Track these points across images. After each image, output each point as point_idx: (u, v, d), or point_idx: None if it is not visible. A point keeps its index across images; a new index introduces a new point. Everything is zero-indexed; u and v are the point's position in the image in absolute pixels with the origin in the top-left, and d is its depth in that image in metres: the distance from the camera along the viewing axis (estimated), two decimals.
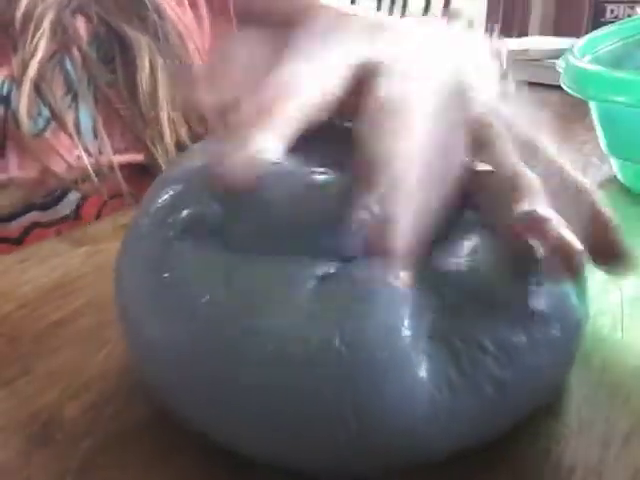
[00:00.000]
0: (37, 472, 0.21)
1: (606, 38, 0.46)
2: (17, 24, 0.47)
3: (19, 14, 0.47)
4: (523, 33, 1.98)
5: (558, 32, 1.79)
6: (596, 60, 0.44)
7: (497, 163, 0.22)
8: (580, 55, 0.44)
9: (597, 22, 1.48)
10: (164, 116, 0.49)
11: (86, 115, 0.49)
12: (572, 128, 0.62)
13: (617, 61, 0.44)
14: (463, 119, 0.23)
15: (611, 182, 0.47)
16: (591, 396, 0.24)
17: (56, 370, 0.26)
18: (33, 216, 0.49)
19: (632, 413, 0.23)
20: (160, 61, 0.49)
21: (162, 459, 0.21)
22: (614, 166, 0.46)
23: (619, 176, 0.45)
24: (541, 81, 0.82)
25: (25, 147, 0.49)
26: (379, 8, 1.38)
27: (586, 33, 0.49)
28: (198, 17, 0.57)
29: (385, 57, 0.24)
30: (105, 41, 0.50)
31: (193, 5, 0.57)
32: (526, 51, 0.87)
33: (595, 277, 0.31)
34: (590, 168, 0.50)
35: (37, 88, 0.46)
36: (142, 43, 0.49)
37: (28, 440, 0.22)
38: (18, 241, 0.50)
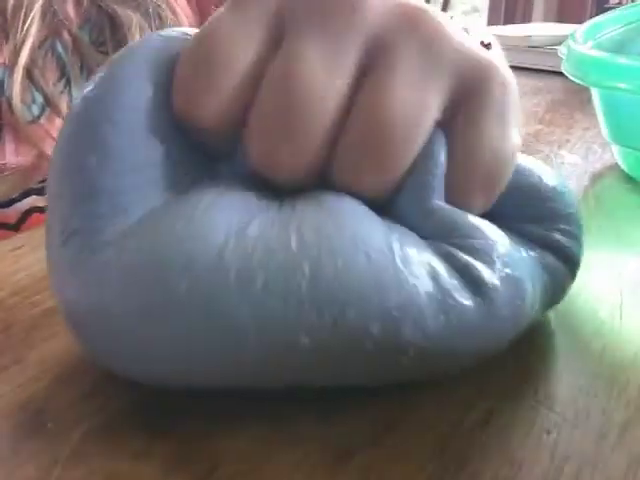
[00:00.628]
0: (27, 460, 0.21)
1: (608, 24, 0.46)
2: (8, 10, 0.46)
3: (10, 1, 0.46)
4: (527, 19, 1.97)
5: (562, 18, 1.78)
6: (598, 46, 0.43)
7: None
8: (582, 41, 0.44)
9: (601, 8, 1.46)
10: None
11: None
12: (574, 115, 0.61)
13: (619, 47, 0.44)
14: None
15: (612, 169, 0.46)
16: (588, 385, 0.24)
17: (48, 358, 0.25)
18: (31, 200, 0.49)
19: (629, 403, 0.23)
20: None
21: (151, 447, 0.21)
22: (615, 153, 0.45)
23: (620, 163, 0.45)
24: (543, 67, 0.81)
25: (21, 133, 0.48)
26: None
27: (590, 19, 0.48)
28: None
29: None
30: (97, 23, 0.49)
31: None
32: (529, 37, 0.87)
33: (594, 264, 0.31)
34: (591, 155, 0.50)
35: (30, 74, 0.46)
36: (133, 21, 0.48)
37: (18, 428, 0.22)
38: (16, 227, 0.49)
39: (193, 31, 0.23)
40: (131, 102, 0.21)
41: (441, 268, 0.20)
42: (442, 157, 0.21)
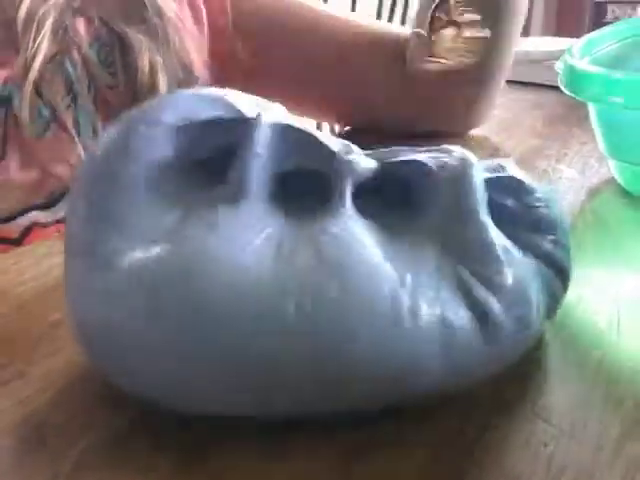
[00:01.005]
0: (28, 475, 0.21)
1: (604, 39, 0.46)
2: (19, 25, 0.47)
3: (22, 15, 0.47)
4: (524, 34, 1.98)
5: (560, 33, 1.79)
6: (594, 61, 0.44)
7: None
8: (578, 56, 0.44)
9: (599, 23, 1.48)
10: None
11: (86, 116, 0.49)
12: (571, 129, 0.62)
13: (615, 62, 0.44)
14: None
15: (609, 184, 0.46)
16: (584, 398, 0.24)
17: (51, 373, 0.26)
18: (33, 216, 0.50)
19: (626, 415, 0.23)
20: (160, 62, 0.49)
21: (153, 460, 0.21)
22: (612, 168, 0.45)
23: (617, 178, 0.45)
24: (541, 82, 0.82)
25: (25, 148, 0.49)
26: (380, 10, 1.38)
27: (587, 34, 0.49)
28: (197, 19, 0.57)
29: None
30: (106, 43, 0.50)
31: (192, 7, 0.57)
32: (527, 52, 0.87)
33: (591, 278, 0.31)
34: (588, 170, 0.50)
35: (38, 89, 0.46)
36: (143, 45, 0.49)
37: (20, 443, 0.22)
38: (18, 241, 0.50)
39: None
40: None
41: (452, 307, 0.20)
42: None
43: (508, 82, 0.70)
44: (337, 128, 0.68)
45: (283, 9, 0.59)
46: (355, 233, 0.21)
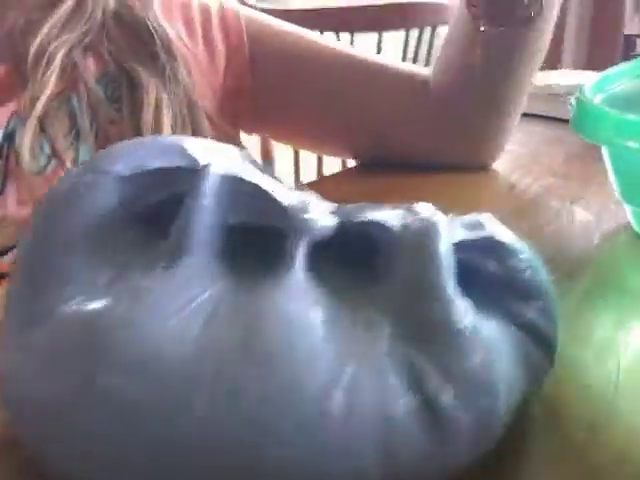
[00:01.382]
0: None
1: (620, 75, 0.44)
2: (30, 59, 0.47)
3: (32, 50, 0.47)
4: (555, 66, 1.95)
5: (591, 65, 1.76)
6: (608, 99, 0.42)
7: None
8: (592, 94, 0.42)
9: (628, 56, 1.45)
10: None
11: (86, 152, 0.49)
12: (590, 168, 0.59)
13: (630, 101, 0.42)
14: None
15: (626, 230, 0.44)
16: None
17: None
18: None
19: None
20: (166, 99, 0.49)
21: None
22: (628, 213, 0.43)
23: (633, 224, 0.42)
24: (561, 117, 0.79)
25: (24, 183, 0.48)
26: (406, 49, 1.39)
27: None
28: (211, 52, 0.56)
29: None
30: (114, 78, 0.49)
31: (207, 39, 0.56)
32: (549, 86, 0.85)
33: (592, 342, 0.29)
34: (605, 213, 0.47)
35: (42, 125, 0.46)
36: (150, 81, 0.48)
37: None
38: (7, 276, 0.49)
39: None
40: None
41: (396, 399, 0.18)
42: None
43: (527, 115, 0.68)
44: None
45: (302, 48, 0.58)
46: (298, 306, 0.18)
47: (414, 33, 1.33)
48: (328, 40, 0.60)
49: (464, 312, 0.19)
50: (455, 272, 0.20)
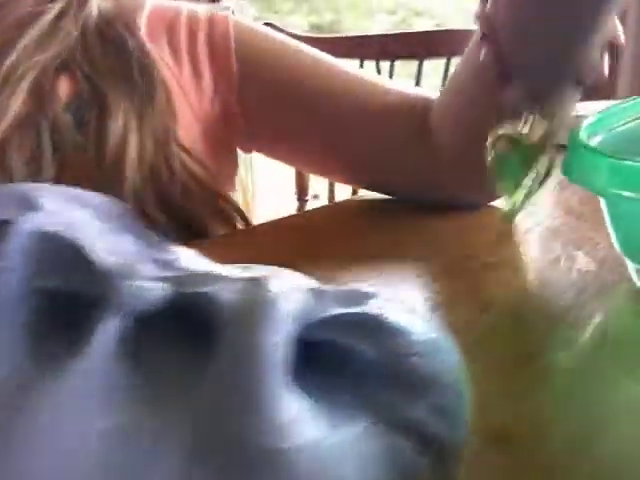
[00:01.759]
0: None
1: (623, 113, 0.39)
2: None
3: (3, 71, 0.45)
4: (610, 96, 1.88)
5: None
6: (609, 140, 0.37)
7: None
8: (591, 133, 0.38)
9: None
10: (128, 185, 0.46)
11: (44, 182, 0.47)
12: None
13: (633, 141, 0.37)
14: None
15: (628, 283, 0.39)
16: None
17: None
18: None
19: None
20: (134, 128, 0.46)
21: None
22: (629, 267, 0.38)
23: (635, 279, 0.38)
24: None
25: None
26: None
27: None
28: (197, 75, 0.54)
29: None
30: (85, 102, 0.47)
31: (193, 62, 0.54)
32: (581, 117, 0.80)
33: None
34: (610, 262, 0.43)
35: (2, 151, 0.44)
36: (121, 107, 0.47)
37: None
38: None
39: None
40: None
41: None
42: None
43: (557, 146, 0.63)
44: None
45: (294, 66, 0.55)
46: (76, 408, 0.15)
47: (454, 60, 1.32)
48: (325, 56, 0.57)
49: (288, 427, 0.15)
50: (291, 367, 0.16)
